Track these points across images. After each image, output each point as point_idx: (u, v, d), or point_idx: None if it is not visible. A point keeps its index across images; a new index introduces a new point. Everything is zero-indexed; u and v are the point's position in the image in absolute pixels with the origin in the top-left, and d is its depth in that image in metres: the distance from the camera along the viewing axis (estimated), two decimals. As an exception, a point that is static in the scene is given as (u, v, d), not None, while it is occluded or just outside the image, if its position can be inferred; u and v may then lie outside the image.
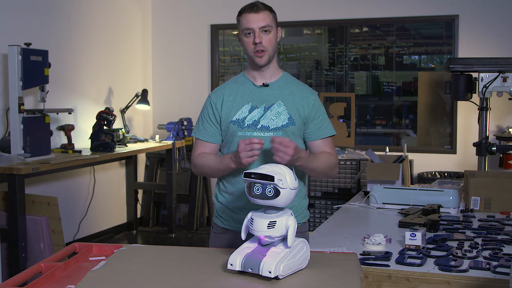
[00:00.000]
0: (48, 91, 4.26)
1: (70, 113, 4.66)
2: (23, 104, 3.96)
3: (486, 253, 2.20)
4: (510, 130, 4.85)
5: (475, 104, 3.82)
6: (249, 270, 1.58)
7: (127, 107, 5.64)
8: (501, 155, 4.61)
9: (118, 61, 5.71)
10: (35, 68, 4.08)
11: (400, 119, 5.63)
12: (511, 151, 4.52)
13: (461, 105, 5.19)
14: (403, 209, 2.98)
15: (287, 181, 1.62)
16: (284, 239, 1.64)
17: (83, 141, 5.04)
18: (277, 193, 1.61)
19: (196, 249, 1.91)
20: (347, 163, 5.10)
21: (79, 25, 5.15)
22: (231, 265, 1.60)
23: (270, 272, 1.54)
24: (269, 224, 1.61)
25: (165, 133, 5.88)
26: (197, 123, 2.28)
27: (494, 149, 3.75)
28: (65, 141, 4.78)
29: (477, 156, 3.80)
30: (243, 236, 1.68)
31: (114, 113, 5.00)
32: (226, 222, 2.26)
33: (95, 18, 5.35)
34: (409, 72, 5.57)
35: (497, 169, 4.62)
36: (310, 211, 5.16)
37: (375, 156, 3.66)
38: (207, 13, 6.01)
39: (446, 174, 5.13)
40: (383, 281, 2.03)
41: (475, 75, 3.78)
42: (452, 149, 5.31)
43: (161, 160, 6.02)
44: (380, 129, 5.66)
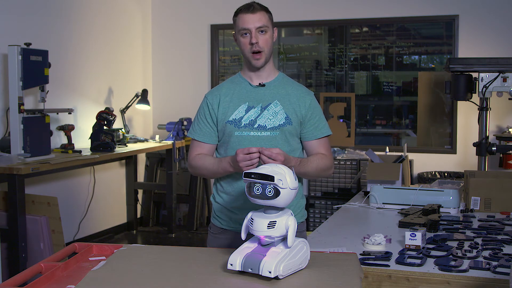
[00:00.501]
0: (48, 91, 4.26)
1: (70, 113, 4.67)
2: (23, 104, 3.96)
3: (486, 253, 2.20)
4: (510, 130, 4.85)
5: (475, 104, 3.82)
6: (249, 270, 1.58)
7: (127, 107, 5.64)
8: (501, 155, 4.61)
9: (118, 61, 5.71)
10: (35, 68, 4.08)
11: (400, 119, 5.63)
12: (511, 151, 4.52)
13: (461, 105, 5.19)
14: (403, 209, 2.98)
15: (287, 181, 1.62)
16: (284, 239, 1.64)
17: (83, 141, 5.04)
18: (277, 193, 1.61)
19: (196, 249, 1.91)
20: (347, 163, 5.10)
21: (79, 25, 5.15)
22: (231, 265, 1.60)
23: (270, 272, 1.54)
24: (269, 224, 1.61)
25: (165, 133, 5.88)
26: (193, 123, 2.28)
27: (494, 149, 3.75)
28: (65, 141, 4.78)
29: (477, 156, 3.79)
30: (243, 236, 1.68)
31: (114, 113, 5.00)
32: (224, 222, 2.26)
33: (95, 18, 5.35)
34: (409, 72, 5.57)
35: (497, 169, 4.62)
36: (310, 211, 5.22)
37: (375, 156, 3.66)
38: (207, 13, 6.01)
39: (446, 174, 5.13)
40: (383, 281, 2.03)
41: (475, 75, 3.78)
42: (452, 149, 5.31)
43: (161, 160, 6.02)
44: (380, 129, 5.66)
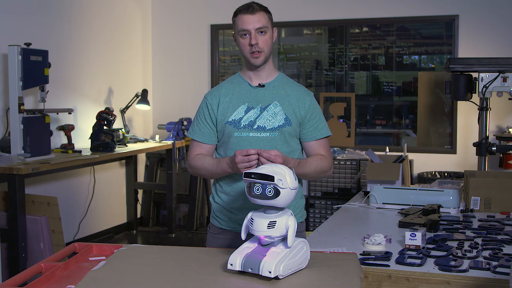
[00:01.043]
0: (48, 91, 4.26)
1: (70, 113, 4.67)
2: (23, 104, 3.96)
3: (486, 253, 2.20)
4: (510, 130, 4.85)
5: (475, 104, 3.82)
6: (249, 270, 1.58)
7: (127, 107, 5.64)
8: (501, 155, 4.61)
9: (118, 61, 5.71)
10: (35, 68, 4.08)
11: (400, 119, 5.63)
12: (511, 151, 4.52)
13: (461, 105, 5.19)
14: (403, 209, 2.98)
15: (287, 181, 1.62)
16: (284, 239, 1.64)
17: (83, 141, 5.04)
18: (277, 193, 1.61)
19: (196, 249, 1.92)
20: (347, 163, 5.10)
21: (79, 25, 5.15)
22: (231, 265, 1.60)
23: (270, 272, 1.54)
24: (269, 224, 1.61)
25: (165, 133, 5.88)
26: (193, 124, 2.27)
27: (494, 149, 3.75)
28: (65, 141, 4.78)
29: (477, 156, 3.79)
30: (243, 236, 1.68)
31: (114, 113, 5.00)
32: (223, 222, 2.26)
33: (95, 18, 5.35)
34: (409, 72, 5.57)
35: (497, 169, 4.62)
36: (310, 211, 5.22)
37: (375, 156, 3.66)
38: (207, 13, 6.01)
39: (446, 174, 5.13)
40: (383, 281, 2.03)
41: (475, 75, 3.78)
42: (452, 149, 5.31)
43: (161, 160, 6.02)
44: (380, 129, 5.66)
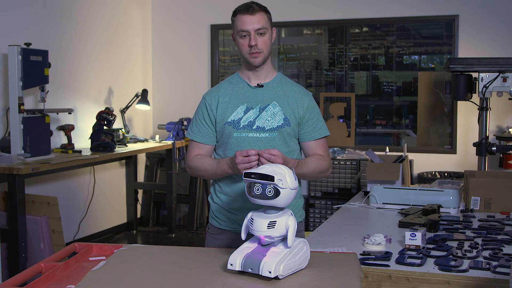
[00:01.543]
0: (48, 91, 4.26)
1: (70, 113, 4.66)
2: (23, 104, 3.96)
3: (486, 253, 2.19)
4: (510, 130, 4.85)
5: (475, 104, 3.82)
6: (249, 270, 1.58)
7: (127, 107, 5.64)
8: (501, 155, 4.61)
9: (118, 61, 5.71)
10: (35, 68, 4.08)
11: (400, 119, 5.63)
12: (511, 151, 4.52)
13: (461, 105, 5.19)
14: (403, 209, 2.98)
15: (287, 181, 1.62)
16: (284, 239, 1.64)
17: (83, 141, 5.04)
18: (277, 193, 1.61)
19: (196, 249, 1.91)
20: (347, 163, 5.10)
21: (79, 25, 5.15)
22: (231, 265, 1.60)
23: (270, 272, 1.54)
24: (269, 224, 1.61)
25: (165, 133, 5.88)
26: (191, 124, 2.26)
27: (494, 149, 3.75)
28: (65, 141, 4.78)
29: (477, 156, 3.79)
30: (243, 236, 1.68)
31: (114, 113, 5.00)
32: (222, 222, 2.25)
33: (95, 18, 5.35)
34: (409, 72, 5.57)
35: (497, 169, 4.62)
36: (310, 211, 5.22)
37: (375, 156, 3.66)
38: (207, 13, 6.01)
39: (446, 174, 5.12)
40: (383, 281, 2.03)
41: (475, 75, 3.78)
42: (452, 149, 5.31)
43: (161, 160, 6.02)
44: (380, 129, 5.66)
